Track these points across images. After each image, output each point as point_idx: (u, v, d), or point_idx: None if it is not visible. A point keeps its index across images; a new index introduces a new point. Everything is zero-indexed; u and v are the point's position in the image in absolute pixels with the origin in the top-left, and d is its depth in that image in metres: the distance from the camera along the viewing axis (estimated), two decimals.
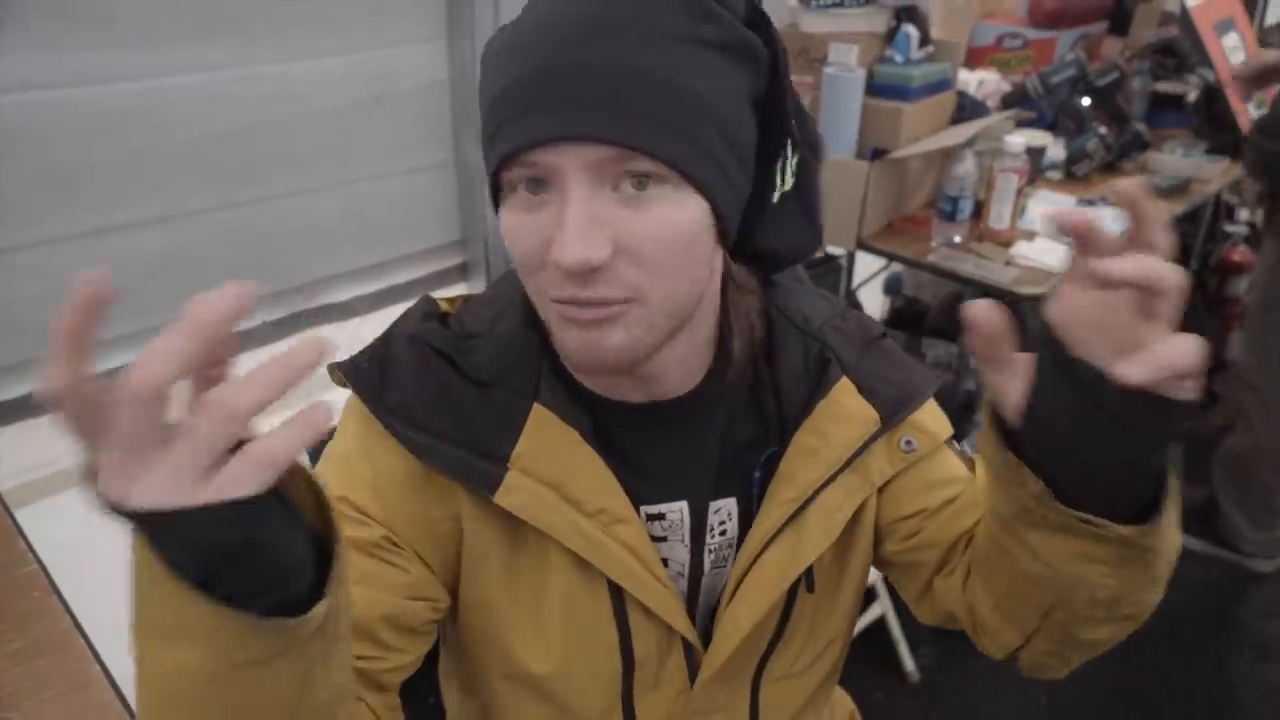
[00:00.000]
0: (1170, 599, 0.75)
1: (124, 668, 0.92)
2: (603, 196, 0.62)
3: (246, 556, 0.48)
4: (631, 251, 0.62)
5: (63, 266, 1.47)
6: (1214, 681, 2.12)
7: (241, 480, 0.45)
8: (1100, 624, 0.71)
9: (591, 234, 0.60)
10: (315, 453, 0.98)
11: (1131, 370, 0.52)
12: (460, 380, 0.72)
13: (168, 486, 0.45)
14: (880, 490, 0.82)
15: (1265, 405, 2.24)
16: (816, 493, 0.77)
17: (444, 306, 0.80)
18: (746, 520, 0.80)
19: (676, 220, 0.63)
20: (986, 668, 2.11)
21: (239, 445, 0.46)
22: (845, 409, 0.78)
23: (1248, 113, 2.43)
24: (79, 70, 1.39)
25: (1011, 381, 0.61)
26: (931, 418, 0.84)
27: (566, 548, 0.73)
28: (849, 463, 0.78)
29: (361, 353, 0.76)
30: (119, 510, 0.46)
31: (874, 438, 0.78)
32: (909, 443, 0.81)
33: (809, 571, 0.80)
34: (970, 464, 0.86)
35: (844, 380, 0.78)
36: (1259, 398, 2.25)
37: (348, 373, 0.74)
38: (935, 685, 2.07)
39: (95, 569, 1.53)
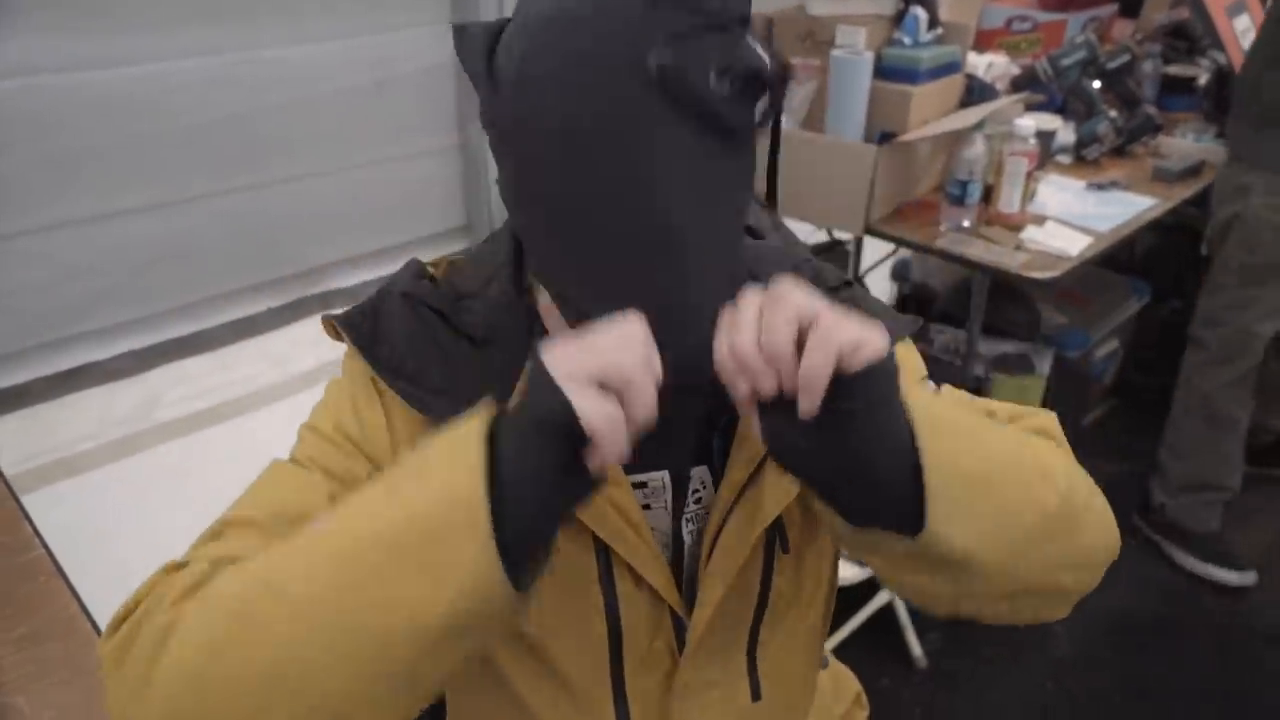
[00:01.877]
0: (1175, 581, 0.74)
1: None
2: None
3: (554, 520, 0.59)
4: None
5: (64, 253, 1.47)
6: (1220, 668, 2.11)
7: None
8: (987, 603, 0.67)
9: None
10: None
11: (804, 406, 0.55)
12: (454, 337, 0.74)
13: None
14: None
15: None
16: None
17: (431, 270, 0.81)
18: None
19: None
20: (994, 654, 2.10)
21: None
22: None
23: None
24: (80, 55, 1.38)
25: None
26: (908, 351, 0.84)
27: None
28: None
29: (355, 307, 0.77)
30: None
31: None
32: None
33: (783, 532, 0.80)
34: None
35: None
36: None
37: (342, 324, 0.76)
38: (942, 671, 2.06)
39: (100, 554, 1.53)
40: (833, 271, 0.86)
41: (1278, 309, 2.17)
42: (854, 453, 0.58)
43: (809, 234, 2.41)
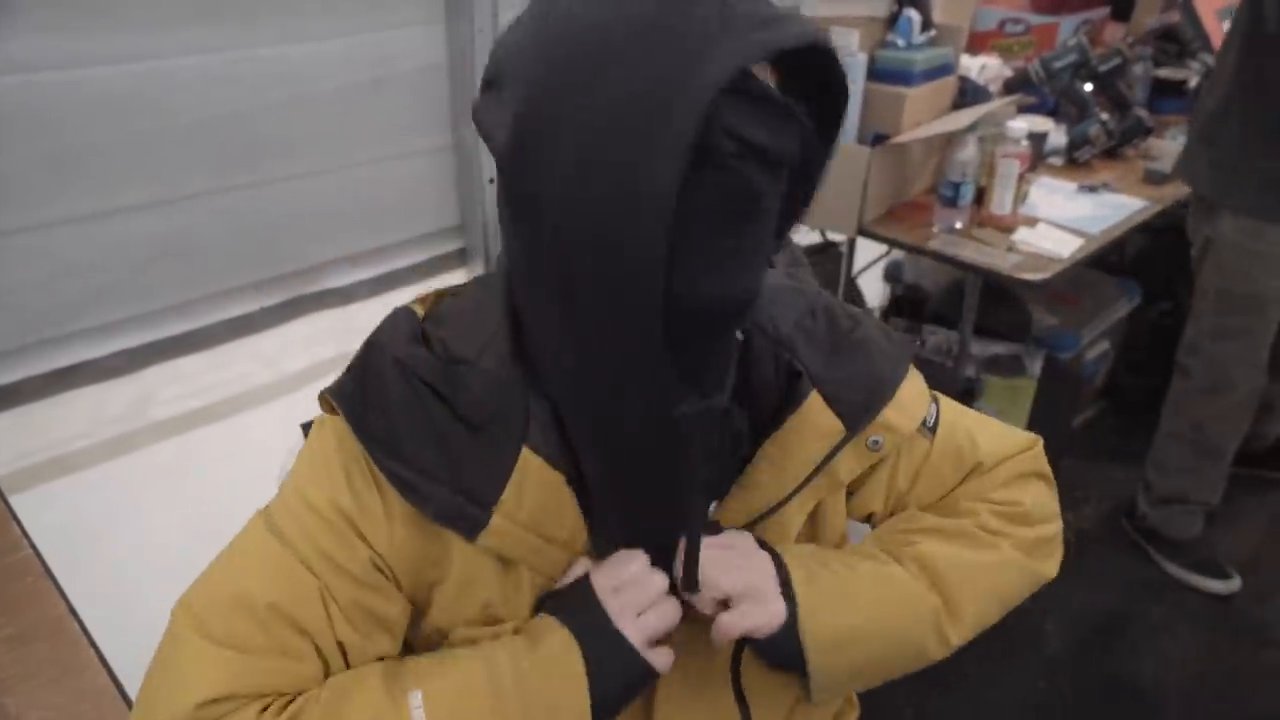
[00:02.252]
0: (1165, 581, 0.79)
1: (118, 652, 0.92)
2: None
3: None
4: None
5: (61, 250, 1.46)
6: (1211, 667, 2.12)
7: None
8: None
9: None
10: None
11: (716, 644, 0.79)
12: (449, 418, 0.70)
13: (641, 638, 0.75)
14: (851, 488, 0.89)
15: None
16: (778, 506, 0.80)
17: (421, 311, 0.77)
18: None
19: None
20: (985, 653, 2.11)
21: None
22: (813, 424, 0.79)
23: None
24: (77, 52, 1.38)
25: None
26: (899, 412, 0.83)
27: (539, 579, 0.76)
28: (811, 477, 0.80)
29: (344, 375, 0.74)
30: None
31: (837, 449, 0.80)
32: (875, 442, 0.82)
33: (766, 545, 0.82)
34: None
35: (813, 394, 0.79)
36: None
37: (337, 400, 0.72)
38: (934, 671, 2.05)
39: (93, 553, 1.53)
40: (843, 310, 0.86)
41: (1251, 351, 2.11)
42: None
43: (802, 235, 2.41)
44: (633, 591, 0.74)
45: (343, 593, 0.71)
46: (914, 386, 0.86)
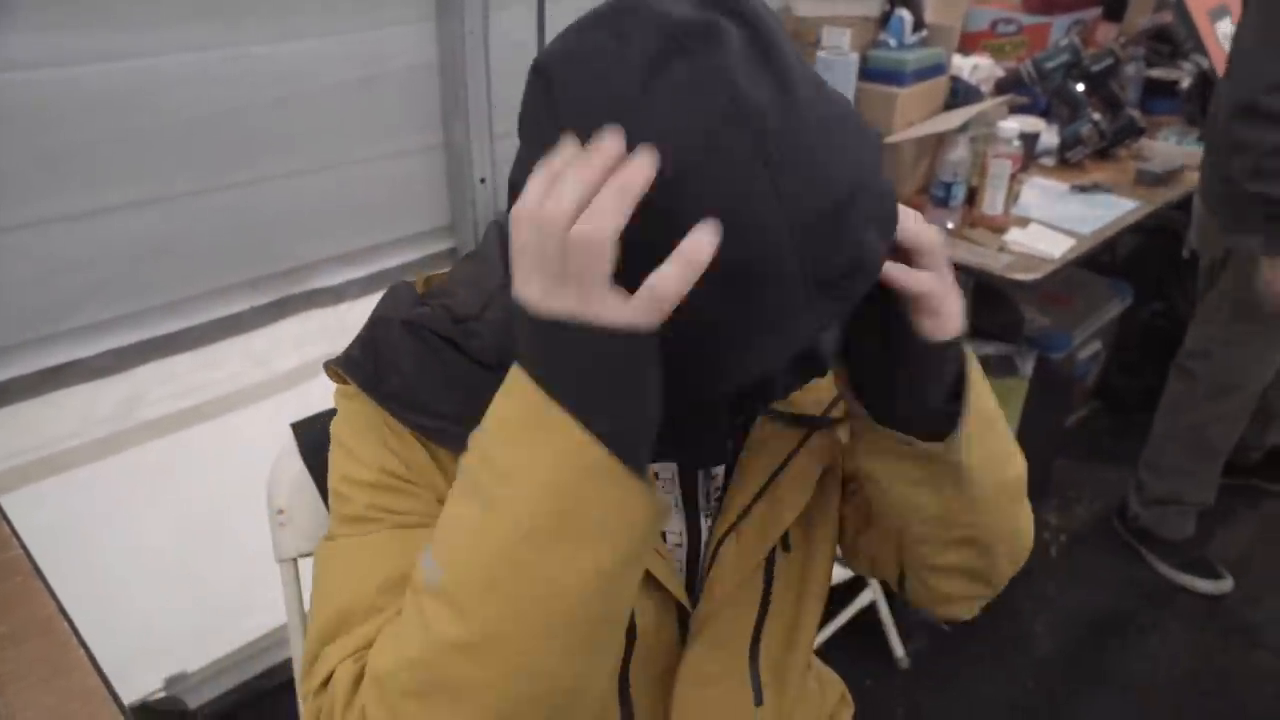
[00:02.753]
0: (1156, 581, 0.81)
1: (108, 653, 0.92)
2: None
3: (638, 395, 0.56)
4: None
5: (51, 249, 1.46)
6: (1202, 668, 2.13)
7: (639, 311, 0.53)
8: (942, 547, 0.80)
9: None
10: (316, 465, 0.98)
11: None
12: (465, 363, 0.70)
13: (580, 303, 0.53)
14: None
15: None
16: (789, 458, 0.80)
17: (420, 289, 0.78)
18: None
19: None
20: (976, 654, 2.11)
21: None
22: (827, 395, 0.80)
23: None
24: (68, 50, 1.38)
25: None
26: None
27: None
28: (818, 426, 0.81)
29: (351, 346, 0.75)
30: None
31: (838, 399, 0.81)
32: None
33: (785, 532, 0.82)
34: None
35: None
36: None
37: (345, 368, 0.73)
38: (925, 672, 2.07)
39: (83, 553, 1.53)
40: None
41: (1261, 359, 2.12)
42: (924, 366, 0.70)
43: None
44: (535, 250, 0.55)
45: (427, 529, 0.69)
46: None
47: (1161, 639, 2.20)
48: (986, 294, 2.29)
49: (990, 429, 0.74)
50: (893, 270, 0.65)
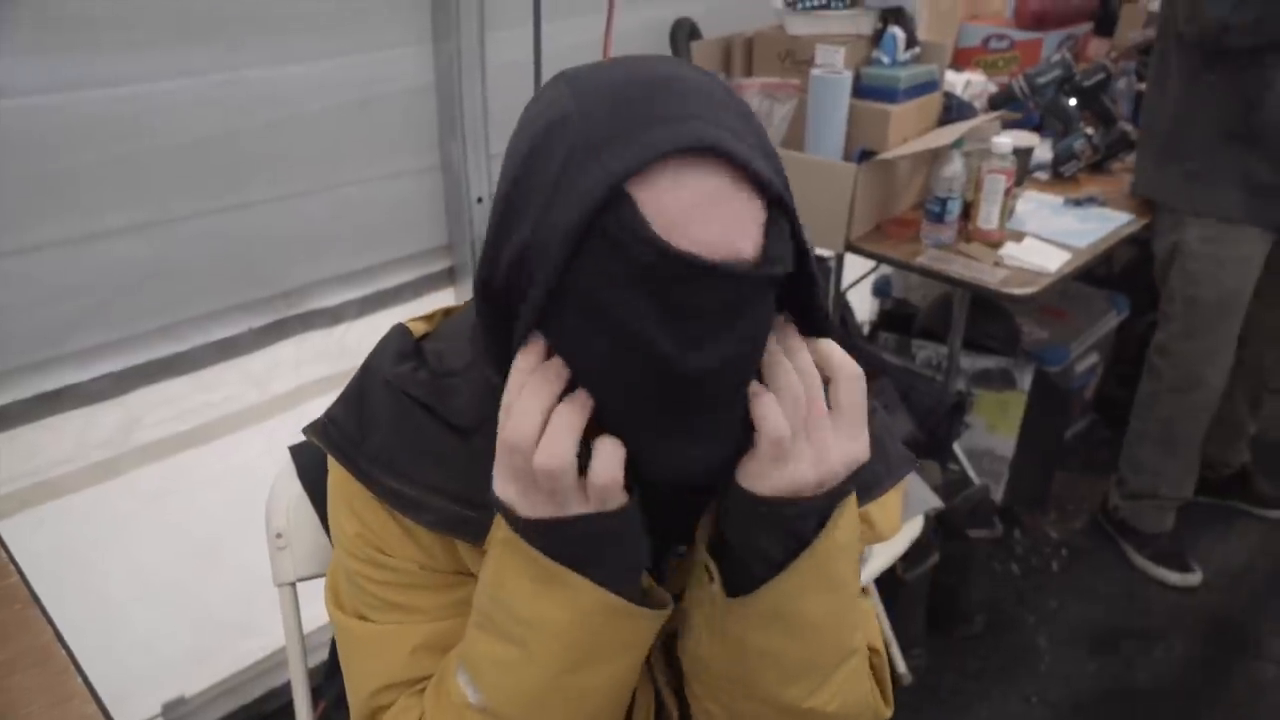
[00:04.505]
0: (1158, 594, 0.77)
1: (106, 678, 0.91)
2: None
3: (621, 545, 0.65)
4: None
5: (47, 274, 1.46)
6: (1204, 679, 2.12)
7: (604, 495, 0.62)
8: (706, 695, 0.76)
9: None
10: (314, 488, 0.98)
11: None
12: (440, 429, 0.72)
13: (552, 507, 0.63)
14: None
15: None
16: None
17: (421, 329, 0.79)
18: None
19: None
20: (978, 669, 2.10)
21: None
22: None
23: None
24: (63, 75, 1.38)
25: None
26: (883, 513, 0.83)
27: None
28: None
29: (337, 401, 0.76)
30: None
31: None
32: None
33: None
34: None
35: None
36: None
37: (321, 434, 0.75)
38: (928, 686, 2.06)
39: (80, 579, 1.52)
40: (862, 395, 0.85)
41: (1218, 351, 2.18)
42: (736, 513, 0.66)
43: None
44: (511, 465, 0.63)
45: (421, 601, 0.76)
46: (897, 501, 0.86)
47: (1164, 651, 2.19)
48: (984, 307, 2.30)
49: (794, 633, 0.69)
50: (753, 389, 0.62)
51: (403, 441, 0.72)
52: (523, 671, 0.67)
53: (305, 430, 0.77)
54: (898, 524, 0.86)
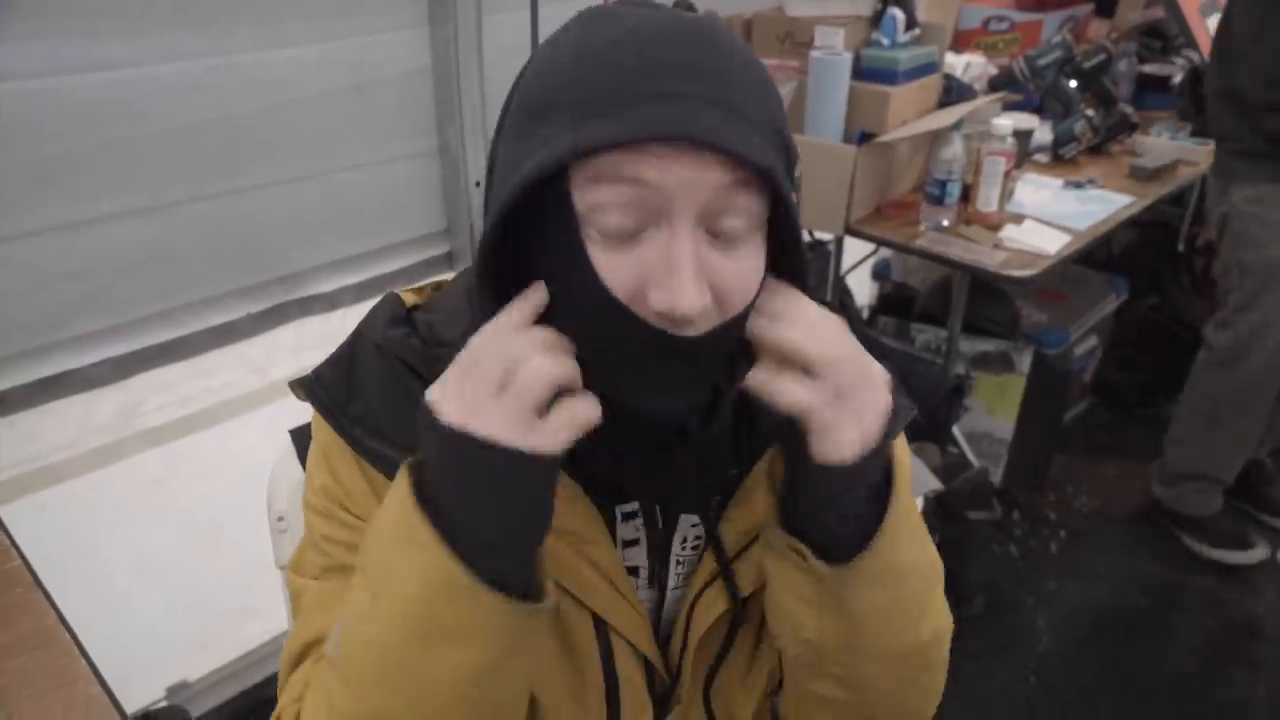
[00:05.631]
0: (1156, 576, 0.77)
1: (109, 662, 0.92)
2: (701, 238, 0.60)
3: (531, 521, 0.61)
4: (721, 299, 0.61)
5: (45, 260, 1.46)
6: (1202, 660, 2.13)
7: (557, 435, 0.58)
8: (816, 677, 0.74)
9: (701, 283, 0.59)
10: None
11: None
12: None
13: (504, 425, 0.57)
14: None
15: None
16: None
17: (412, 300, 0.78)
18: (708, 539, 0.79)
19: (758, 268, 0.63)
20: (978, 649, 2.12)
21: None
22: None
23: None
24: (56, 60, 1.37)
25: None
26: (903, 448, 0.82)
27: None
28: None
29: (326, 362, 0.75)
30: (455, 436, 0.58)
31: None
32: None
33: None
34: None
35: None
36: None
37: (308, 388, 0.74)
38: None
39: (81, 562, 1.52)
40: (863, 335, 0.85)
41: (1270, 325, 2.13)
42: (813, 486, 0.65)
43: None
44: (482, 370, 0.60)
45: None
46: (904, 446, 0.84)
47: (1162, 632, 2.20)
48: (983, 290, 2.30)
49: (899, 581, 0.69)
50: (757, 378, 0.63)
51: (389, 405, 0.71)
52: (369, 629, 0.62)
53: (292, 384, 0.76)
54: (907, 460, 0.84)
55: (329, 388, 0.73)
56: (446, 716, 0.62)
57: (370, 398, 0.71)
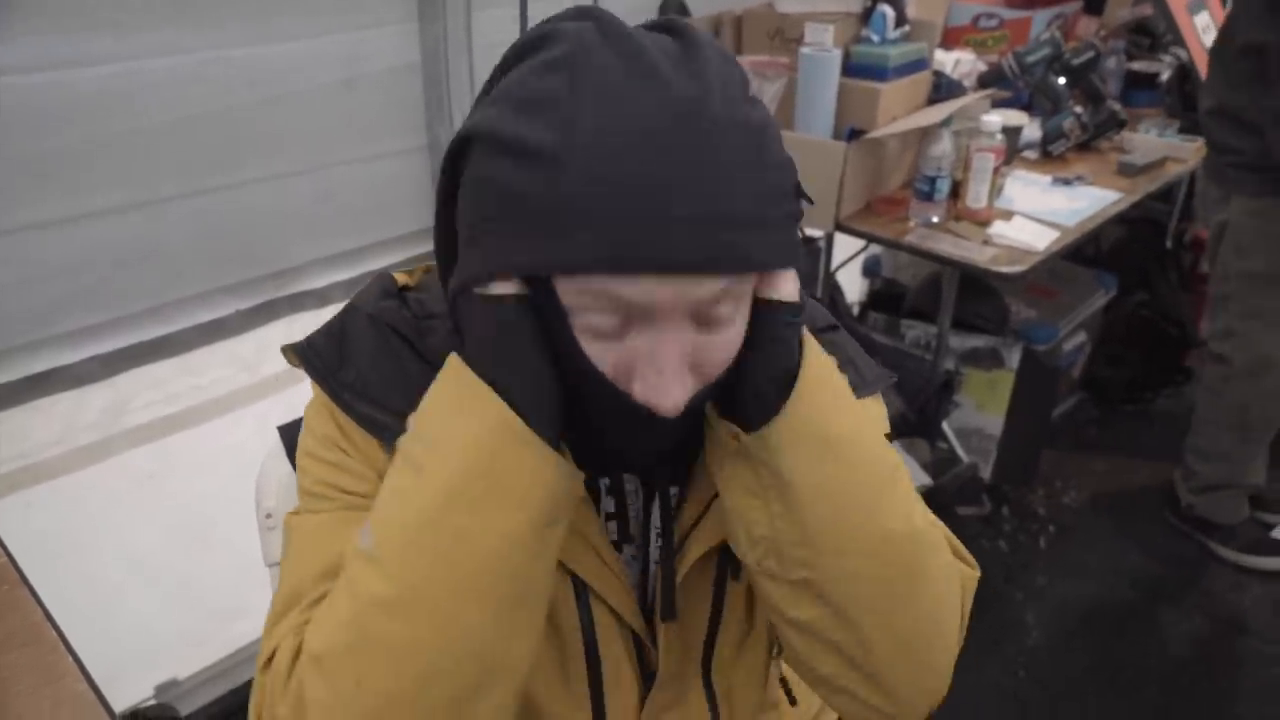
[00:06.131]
0: (1145, 570, 0.76)
1: (98, 660, 0.92)
2: (688, 327, 0.61)
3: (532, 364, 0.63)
4: (702, 372, 0.63)
5: (33, 255, 1.45)
6: (1190, 654, 2.14)
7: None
8: (789, 592, 0.70)
9: (684, 374, 0.61)
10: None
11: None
12: (418, 363, 0.72)
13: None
14: None
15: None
16: None
17: (403, 280, 0.80)
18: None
19: (742, 331, 0.65)
20: (967, 643, 2.12)
21: None
22: None
23: None
24: (48, 55, 1.37)
25: None
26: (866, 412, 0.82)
27: None
28: None
29: (318, 331, 0.76)
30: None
31: None
32: None
33: (734, 561, 0.77)
34: None
35: None
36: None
37: (300, 353, 0.75)
38: None
39: (69, 560, 1.52)
40: (821, 313, 0.86)
41: None
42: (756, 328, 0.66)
43: None
44: None
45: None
46: (881, 411, 0.85)
47: (1150, 627, 2.21)
48: (972, 286, 2.30)
49: (833, 455, 0.67)
50: None
51: (380, 371, 0.72)
52: (409, 500, 0.62)
53: (284, 349, 0.77)
54: (885, 427, 0.85)
55: (321, 354, 0.74)
56: (482, 586, 0.62)
57: (361, 363, 0.73)
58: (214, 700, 1.87)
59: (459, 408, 0.62)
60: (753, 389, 0.66)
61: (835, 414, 0.68)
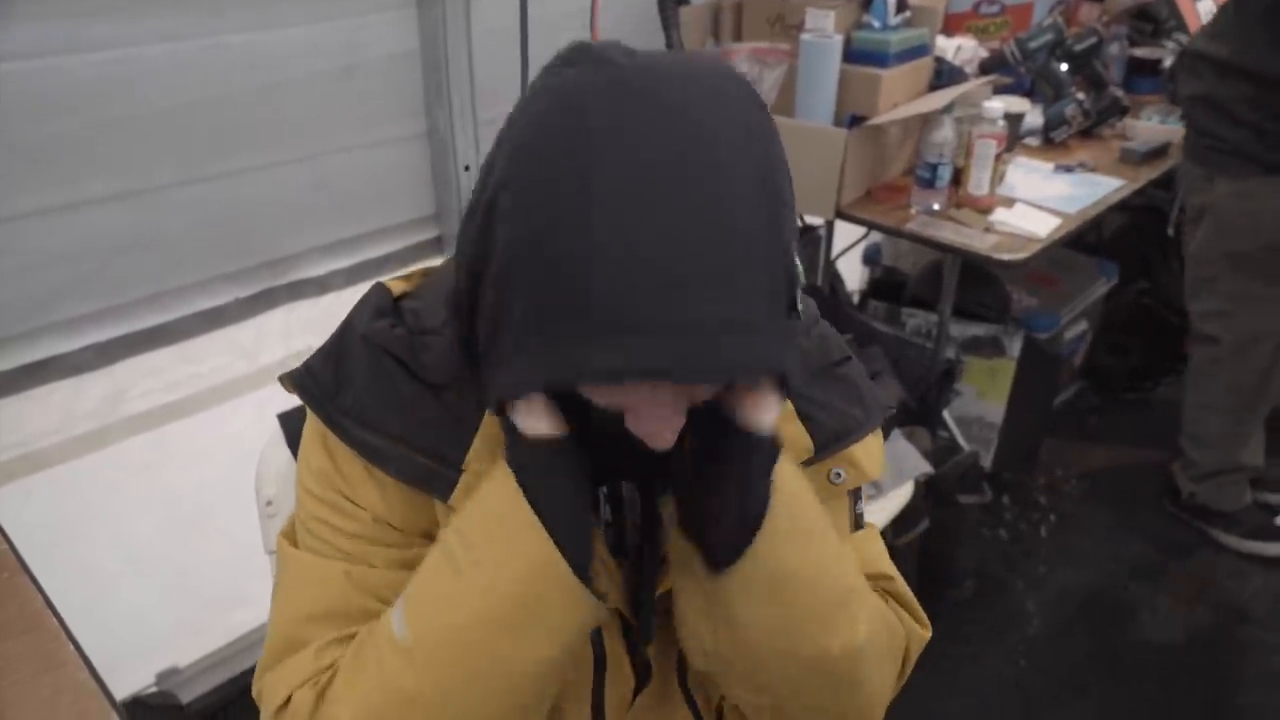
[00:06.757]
0: (1146, 559, 0.77)
1: (98, 648, 0.91)
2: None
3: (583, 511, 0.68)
4: (695, 396, 0.64)
5: (30, 243, 1.44)
6: (1191, 642, 2.14)
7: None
8: (729, 685, 0.78)
9: (677, 418, 0.63)
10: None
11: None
12: (414, 384, 0.73)
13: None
14: None
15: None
16: None
17: (400, 288, 0.80)
18: None
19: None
20: (969, 633, 2.12)
21: None
22: (783, 433, 0.77)
23: None
24: (42, 41, 1.36)
25: None
26: (866, 454, 0.84)
27: None
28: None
29: (317, 353, 0.77)
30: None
31: (803, 465, 0.78)
32: (838, 474, 0.82)
33: None
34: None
35: (788, 405, 0.78)
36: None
37: (297, 381, 0.75)
38: None
39: (68, 549, 1.52)
40: (837, 343, 0.86)
41: (1276, 301, 2.11)
42: (729, 456, 0.67)
43: None
44: None
45: (370, 555, 0.75)
46: (878, 442, 0.87)
47: (1151, 615, 2.21)
48: (973, 274, 2.29)
49: (785, 594, 0.69)
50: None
51: (376, 395, 0.72)
52: (450, 606, 0.66)
53: (281, 378, 0.77)
54: (880, 463, 0.87)
55: (319, 380, 0.75)
56: (509, 700, 0.67)
57: (358, 387, 0.73)
58: (214, 688, 1.87)
59: (503, 524, 0.65)
60: (719, 531, 0.68)
61: (796, 555, 0.70)
